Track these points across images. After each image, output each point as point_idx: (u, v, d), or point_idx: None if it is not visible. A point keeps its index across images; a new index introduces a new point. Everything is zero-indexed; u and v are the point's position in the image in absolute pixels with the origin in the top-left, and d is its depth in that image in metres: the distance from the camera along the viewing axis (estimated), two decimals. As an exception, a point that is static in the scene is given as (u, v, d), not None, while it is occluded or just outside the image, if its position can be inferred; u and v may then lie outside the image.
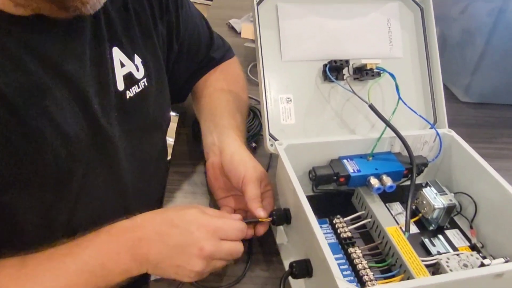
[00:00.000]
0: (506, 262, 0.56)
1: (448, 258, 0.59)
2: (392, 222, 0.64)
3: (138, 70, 0.65)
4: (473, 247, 0.66)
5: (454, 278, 0.48)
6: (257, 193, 0.62)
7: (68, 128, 0.54)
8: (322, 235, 0.52)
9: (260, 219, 0.61)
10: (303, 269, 0.55)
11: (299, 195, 0.57)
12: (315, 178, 0.66)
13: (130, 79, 0.63)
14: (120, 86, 0.62)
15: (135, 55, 0.65)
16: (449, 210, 0.66)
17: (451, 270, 0.58)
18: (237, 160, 0.65)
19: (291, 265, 0.55)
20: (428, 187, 0.69)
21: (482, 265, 0.55)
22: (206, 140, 0.71)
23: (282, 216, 0.62)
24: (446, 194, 0.68)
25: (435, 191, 0.68)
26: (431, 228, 0.68)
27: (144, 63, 0.66)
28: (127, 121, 0.64)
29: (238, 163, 0.65)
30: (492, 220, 0.66)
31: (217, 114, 0.74)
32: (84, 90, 0.56)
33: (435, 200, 0.67)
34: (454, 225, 0.70)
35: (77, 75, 0.55)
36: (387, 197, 0.68)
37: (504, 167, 0.67)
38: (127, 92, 0.63)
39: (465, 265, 0.59)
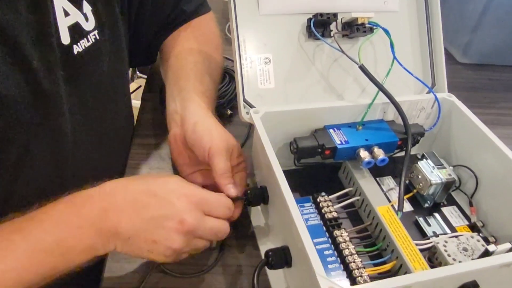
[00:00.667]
0: (513, 247, 0.49)
1: (446, 242, 0.52)
2: (383, 200, 0.56)
3: (87, 20, 0.54)
4: (472, 227, 0.59)
5: (456, 272, 0.41)
6: (225, 167, 0.54)
7: (2, 88, 0.44)
8: (300, 219, 0.44)
9: (231, 198, 0.53)
10: (280, 258, 0.47)
11: (274, 169, 0.49)
12: (297, 150, 0.58)
13: (77, 31, 0.53)
14: (65, 39, 0.51)
15: (84, 2, 0.54)
16: (447, 186, 0.59)
17: (449, 255, 0.51)
18: (200, 129, 0.56)
19: (267, 253, 0.48)
20: (424, 159, 0.61)
21: (486, 252, 0.48)
22: (169, 107, 0.62)
23: (258, 195, 0.54)
24: (445, 167, 0.60)
25: (432, 164, 0.60)
26: (426, 205, 0.61)
27: (94, 12, 0.55)
28: (76, 81, 0.54)
29: (202, 133, 0.56)
30: (494, 196, 0.59)
31: (182, 77, 0.64)
32: (19, 42, 0.45)
33: (432, 174, 0.59)
34: (451, 202, 0.63)
35: (10, 24, 0.44)
36: (378, 170, 0.61)
37: (504, 135, 0.60)
38: (75, 46, 0.53)
39: (465, 249, 0.52)
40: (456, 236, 0.54)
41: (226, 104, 0.73)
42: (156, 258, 0.47)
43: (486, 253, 0.48)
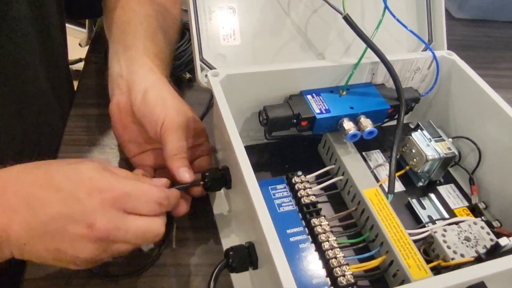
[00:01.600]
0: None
1: (445, 230, 0.43)
2: (370, 181, 0.46)
3: None
4: (473, 209, 0.50)
5: (463, 280, 0.32)
6: (180, 146, 0.43)
7: None
8: (263, 208, 0.35)
9: (185, 184, 0.43)
10: (244, 258, 0.38)
11: (233, 143, 0.39)
12: (267, 121, 0.47)
13: None
14: None
15: None
16: (446, 162, 0.50)
17: (448, 247, 0.42)
18: (152, 99, 0.45)
19: (227, 252, 0.38)
20: (419, 130, 0.51)
21: (497, 246, 0.39)
22: (112, 70, 0.50)
23: (217, 179, 0.44)
24: (443, 139, 0.50)
25: (429, 136, 0.51)
26: (420, 184, 0.52)
27: None
28: None
29: (154, 103, 0.44)
30: (499, 172, 0.50)
31: (130, 32, 0.52)
32: None
33: (428, 148, 0.49)
34: (448, 179, 0.54)
35: None
36: (364, 143, 0.51)
37: (505, 99, 0.50)
38: None
39: (467, 239, 0.43)
40: (456, 223, 0.45)
41: (184, 66, 0.61)
42: (67, 266, 0.37)
43: (497, 248, 0.39)
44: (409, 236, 0.42)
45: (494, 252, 0.39)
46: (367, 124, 0.48)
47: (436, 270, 0.42)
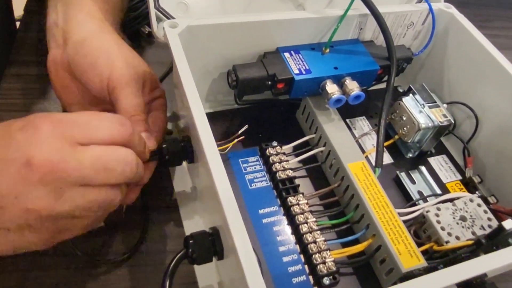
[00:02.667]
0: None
1: (439, 209, 0.38)
2: (356, 153, 0.40)
3: None
4: (467, 183, 0.45)
5: (466, 276, 0.27)
6: (136, 104, 0.36)
7: None
8: (226, 188, 0.28)
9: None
10: (207, 248, 0.32)
11: (192, 109, 0.32)
12: (237, 83, 0.40)
13: None
14: None
15: None
16: (440, 131, 0.44)
17: (442, 229, 0.37)
18: (92, 50, 0.37)
19: (186, 241, 0.32)
20: (410, 94, 0.45)
21: (500, 229, 0.34)
22: (48, 18, 0.41)
23: (177, 151, 0.37)
24: (438, 105, 0.44)
25: (422, 101, 0.44)
26: (409, 155, 0.46)
27: None
28: None
29: (95, 55, 0.36)
30: (497, 141, 0.45)
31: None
32: None
33: (421, 115, 0.43)
34: (440, 149, 0.48)
35: None
36: (349, 109, 0.44)
37: None
38: None
39: (463, 218, 0.38)
40: (450, 200, 0.40)
41: (142, 19, 0.52)
42: (22, 244, 0.28)
43: (500, 231, 0.34)
44: (399, 216, 0.37)
45: (497, 236, 0.34)
46: (353, 87, 0.41)
47: (428, 255, 0.37)
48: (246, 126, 0.41)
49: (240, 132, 0.41)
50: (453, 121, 0.43)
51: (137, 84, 0.37)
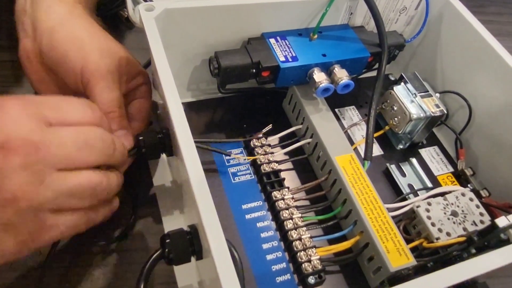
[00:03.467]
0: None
1: (429, 204, 0.37)
2: (344, 146, 0.38)
3: None
4: (459, 175, 0.44)
5: (457, 280, 0.26)
6: (112, 99, 0.34)
7: None
8: (201, 180, 0.26)
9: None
10: (184, 248, 0.30)
11: (166, 97, 0.29)
12: (219, 71, 0.38)
13: None
14: None
15: None
16: (432, 122, 0.42)
17: (433, 225, 0.35)
18: (62, 40, 0.34)
19: (162, 240, 0.30)
20: (402, 83, 0.43)
21: (494, 227, 0.33)
22: (17, 3, 0.38)
23: (155, 143, 0.35)
24: (431, 95, 0.43)
25: (414, 91, 0.43)
26: (400, 147, 0.45)
27: None
28: None
29: (66, 45, 0.34)
30: (490, 133, 0.43)
31: None
32: None
33: (413, 105, 0.42)
34: (432, 140, 0.47)
35: None
36: (337, 98, 0.42)
37: None
38: None
39: (454, 214, 0.37)
40: (441, 194, 0.38)
41: (121, 0, 0.49)
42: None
43: (492, 228, 0.33)
44: (388, 211, 0.35)
45: (490, 233, 0.33)
46: (342, 75, 0.39)
47: (418, 251, 0.35)
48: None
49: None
50: (445, 112, 0.42)
51: (113, 75, 0.34)
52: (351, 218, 0.35)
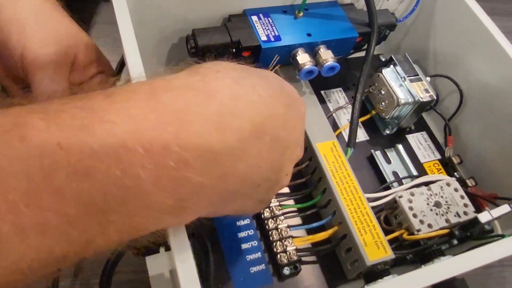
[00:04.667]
0: None
1: (412, 194, 0.35)
2: (327, 132, 0.37)
3: None
4: (446, 163, 0.42)
5: (438, 279, 0.24)
6: (50, 91, 0.31)
7: None
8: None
9: None
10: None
11: (131, 75, 0.28)
12: (196, 49, 0.36)
13: None
14: None
15: None
16: (421, 107, 0.40)
17: (414, 216, 0.34)
18: (4, 23, 0.31)
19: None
20: (391, 66, 0.41)
21: (476, 222, 0.32)
22: None
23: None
24: (421, 79, 0.41)
25: (403, 74, 0.41)
26: (387, 132, 0.43)
27: None
28: None
29: (8, 30, 0.31)
30: (481, 120, 0.42)
31: None
32: None
33: (402, 89, 0.40)
34: (420, 126, 0.45)
35: None
36: (323, 79, 0.40)
37: None
38: None
39: (437, 205, 0.35)
40: (426, 184, 0.37)
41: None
42: (253, 211, 0.26)
43: (475, 223, 0.31)
44: (369, 201, 0.34)
45: (471, 228, 0.32)
46: (327, 57, 0.37)
47: (398, 242, 0.34)
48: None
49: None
50: (435, 97, 0.40)
51: (58, 64, 0.31)
52: (330, 208, 0.34)
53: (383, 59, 0.48)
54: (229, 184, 0.20)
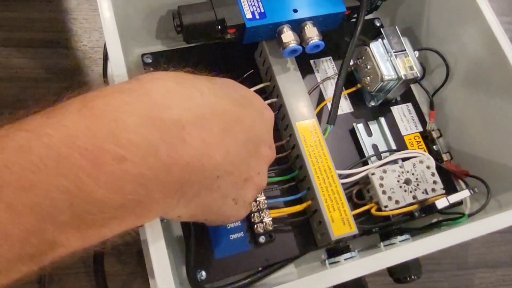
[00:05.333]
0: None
1: (385, 171, 0.38)
2: (308, 111, 0.38)
3: None
4: (426, 136, 0.44)
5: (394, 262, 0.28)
6: None
7: None
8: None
9: None
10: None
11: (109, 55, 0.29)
12: (182, 28, 0.36)
13: None
14: None
15: None
16: (405, 83, 0.41)
17: (384, 192, 0.37)
18: None
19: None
20: (379, 39, 0.41)
21: (433, 207, 0.34)
22: None
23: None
24: (407, 54, 0.41)
25: (390, 48, 0.41)
26: (372, 104, 0.44)
27: None
28: None
29: None
30: (464, 96, 0.42)
31: None
32: None
33: (386, 65, 0.40)
34: (407, 97, 0.46)
35: None
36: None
37: None
38: None
39: (407, 182, 0.38)
40: (403, 160, 0.39)
41: None
42: (234, 215, 0.28)
43: (432, 208, 0.34)
44: (343, 177, 0.37)
45: (430, 213, 0.34)
46: (312, 35, 0.37)
47: (368, 215, 0.38)
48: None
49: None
50: (419, 75, 0.40)
51: None
52: (305, 183, 0.37)
53: (378, 24, 0.47)
54: (174, 173, 0.21)
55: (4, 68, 0.43)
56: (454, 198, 0.34)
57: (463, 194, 0.34)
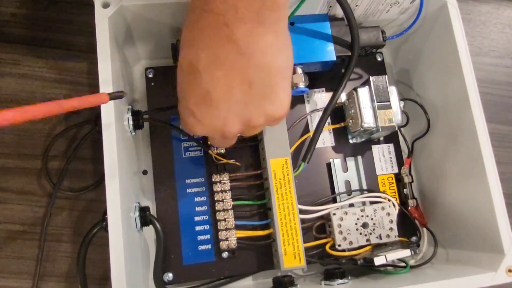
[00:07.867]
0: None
1: (346, 213, 0.42)
2: (283, 149, 0.41)
3: None
4: (399, 179, 0.46)
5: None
6: None
7: None
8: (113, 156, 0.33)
9: None
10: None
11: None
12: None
13: None
14: None
15: None
16: (386, 131, 0.43)
17: (340, 233, 0.41)
18: None
19: (104, 214, 0.38)
20: (367, 86, 0.43)
21: (372, 262, 0.38)
22: None
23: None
24: (390, 107, 0.42)
25: (375, 97, 0.42)
26: (353, 141, 0.47)
27: None
28: None
29: None
30: (442, 146, 0.44)
31: None
32: None
33: (367, 112, 0.42)
34: (390, 138, 0.48)
35: None
36: (309, 78, 0.43)
37: None
38: None
39: (364, 226, 0.42)
40: (371, 202, 0.43)
41: None
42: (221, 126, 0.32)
43: (371, 262, 0.38)
44: (308, 213, 0.41)
45: (369, 266, 0.38)
46: (298, 81, 0.40)
47: (323, 249, 0.42)
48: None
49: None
50: (396, 128, 0.42)
51: None
52: (270, 213, 0.41)
53: (380, 59, 0.49)
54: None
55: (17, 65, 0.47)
56: (392, 256, 0.37)
57: (403, 253, 0.38)
